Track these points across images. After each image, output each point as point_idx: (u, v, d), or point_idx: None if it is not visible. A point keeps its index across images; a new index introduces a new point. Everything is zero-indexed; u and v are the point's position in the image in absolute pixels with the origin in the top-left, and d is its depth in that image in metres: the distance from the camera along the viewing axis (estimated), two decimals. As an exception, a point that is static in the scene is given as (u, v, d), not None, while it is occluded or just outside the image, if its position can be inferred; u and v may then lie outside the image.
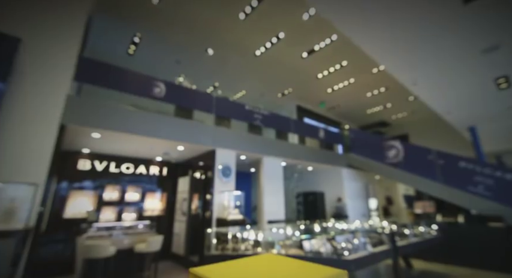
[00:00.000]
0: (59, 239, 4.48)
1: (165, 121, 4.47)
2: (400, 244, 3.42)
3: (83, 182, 5.04)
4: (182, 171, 6.23)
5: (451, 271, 4.35)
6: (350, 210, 7.36)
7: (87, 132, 3.94)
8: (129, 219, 5.36)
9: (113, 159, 5.48)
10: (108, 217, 5.14)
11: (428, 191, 6.07)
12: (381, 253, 3.09)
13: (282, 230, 3.78)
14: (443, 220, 5.53)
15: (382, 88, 8.40)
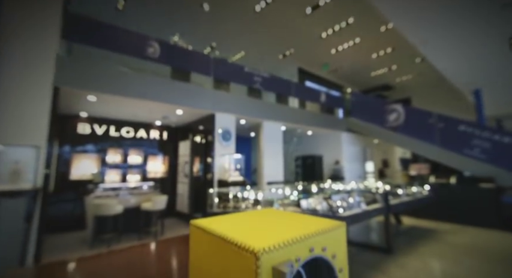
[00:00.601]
0: (69, 199, 4.71)
1: (162, 84, 4.33)
2: (392, 203, 3.60)
3: (85, 146, 5.10)
4: (182, 135, 6.26)
5: (437, 226, 4.66)
6: (347, 172, 7.61)
7: (83, 95, 3.84)
8: (134, 181, 5.56)
9: (113, 123, 5.46)
10: (113, 178, 5.32)
11: (425, 154, 6.20)
12: (374, 210, 3.27)
13: (280, 191, 3.95)
14: (436, 182, 5.75)
15: (388, 49, 7.98)
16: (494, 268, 2.76)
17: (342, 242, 0.41)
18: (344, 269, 0.39)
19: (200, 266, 0.41)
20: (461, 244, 3.66)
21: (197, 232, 0.42)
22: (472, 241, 3.77)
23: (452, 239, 3.87)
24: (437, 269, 2.77)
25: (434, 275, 2.61)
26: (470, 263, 2.92)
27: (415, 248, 3.46)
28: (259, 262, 0.29)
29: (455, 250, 3.40)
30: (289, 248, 0.33)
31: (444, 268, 2.80)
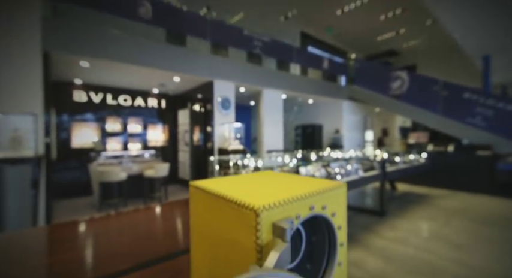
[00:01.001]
0: (73, 166, 4.82)
1: (157, 49, 4.12)
2: (389, 170, 3.68)
3: (84, 114, 5.05)
4: (181, 104, 6.17)
5: (430, 191, 4.85)
6: (346, 141, 7.68)
7: (75, 60, 3.68)
8: (135, 149, 5.63)
9: (109, 91, 5.34)
10: (114, 147, 5.38)
11: (426, 122, 6.18)
12: (371, 177, 3.36)
13: (280, 158, 4.02)
14: (434, 150, 5.83)
15: (398, 10, 7.44)
16: (480, 229, 2.93)
17: (342, 202, 0.40)
18: (342, 226, 0.39)
19: (200, 226, 0.41)
20: (451, 207, 3.84)
21: (196, 192, 0.41)
22: (462, 205, 3.95)
23: (444, 204, 4.05)
24: (426, 230, 2.95)
25: (422, 235, 2.79)
26: (458, 224, 3.10)
27: (407, 212, 3.64)
28: (259, 218, 0.28)
29: (445, 213, 3.58)
30: (289, 206, 0.32)
31: (433, 228, 2.98)
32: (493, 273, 1.97)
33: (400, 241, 2.61)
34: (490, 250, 2.37)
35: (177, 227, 0.99)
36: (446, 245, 2.48)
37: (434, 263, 2.14)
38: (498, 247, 2.45)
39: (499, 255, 2.27)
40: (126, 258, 0.71)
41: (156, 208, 1.26)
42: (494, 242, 2.56)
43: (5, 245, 0.86)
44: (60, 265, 0.69)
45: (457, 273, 1.98)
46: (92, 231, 0.95)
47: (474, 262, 2.16)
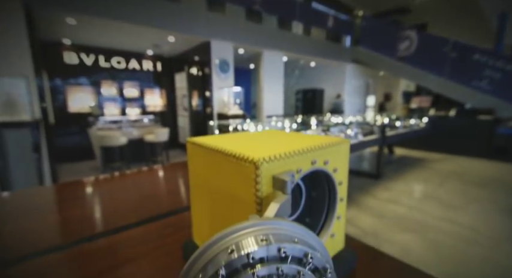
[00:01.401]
0: (73, 131, 4.83)
1: (149, 5, 3.79)
2: (388, 134, 3.69)
3: (77, 78, 4.88)
4: (178, 67, 5.92)
5: (428, 156, 4.95)
6: (347, 106, 7.58)
7: (60, 17, 3.41)
8: (133, 114, 5.58)
9: (101, 52, 5.07)
10: (112, 112, 5.32)
11: (430, 86, 6.02)
12: (370, 141, 3.38)
13: (280, 123, 3.99)
14: (435, 114, 5.78)
15: (414, -42, 6.67)
16: (471, 190, 3.06)
17: (345, 158, 0.38)
18: (344, 182, 0.38)
19: (199, 182, 0.40)
20: (446, 170, 3.95)
21: (194, 148, 0.39)
22: (457, 168, 4.06)
23: (440, 167, 4.16)
24: (419, 191, 3.07)
25: (415, 196, 2.92)
26: (451, 186, 3.22)
27: (402, 174, 3.76)
28: (259, 171, 0.27)
29: (440, 175, 3.69)
30: (291, 160, 0.30)
31: (425, 189, 3.10)
32: (479, 230, 2.10)
33: (393, 201, 2.74)
34: (478, 210, 2.50)
35: (179, 186, 1.01)
36: (437, 205, 2.61)
37: (424, 221, 2.28)
38: (487, 206, 2.58)
39: (487, 214, 2.40)
40: (131, 214, 0.73)
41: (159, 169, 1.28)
42: (483, 202, 2.69)
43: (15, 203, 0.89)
44: (70, 220, 0.72)
45: (445, 230, 2.11)
46: (98, 190, 0.98)
47: (462, 220, 2.29)
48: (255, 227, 0.20)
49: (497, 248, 1.82)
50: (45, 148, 3.13)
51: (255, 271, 0.18)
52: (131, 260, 0.51)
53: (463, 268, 1.60)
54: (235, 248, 0.19)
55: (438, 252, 1.79)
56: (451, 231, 2.08)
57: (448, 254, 1.76)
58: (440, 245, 1.88)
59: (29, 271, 0.49)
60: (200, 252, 0.19)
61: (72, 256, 0.54)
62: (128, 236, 0.61)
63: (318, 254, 0.20)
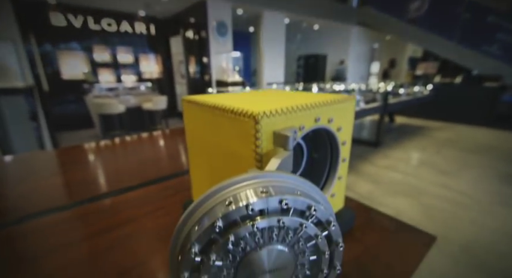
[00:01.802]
0: (70, 99, 4.73)
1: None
2: (391, 102, 3.63)
3: (68, 43, 4.62)
4: (173, 30, 5.57)
5: (428, 124, 4.93)
6: (350, 73, 7.33)
7: (40, -29, 3.10)
8: (130, 81, 5.42)
9: (89, 13, 4.73)
10: (108, 79, 5.15)
11: (439, 51, 5.74)
12: (372, 108, 3.33)
13: (280, 90, 3.89)
14: (440, 81, 5.62)
15: None
16: (467, 157, 3.11)
17: (349, 116, 0.36)
18: (347, 142, 0.36)
19: (196, 142, 0.38)
20: (445, 138, 3.97)
21: (190, 106, 0.37)
22: (456, 136, 4.08)
23: (439, 135, 4.17)
24: (416, 158, 3.12)
25: (412, 163, 2.97)
26: (448, 153, 3.26)
27: (401, 142, 3.79)
28: (259, 125, 0.24)
29: (438, 143, 3.72)
30: (293, 115, 0.28)
31: (423, 157, 3.15)
32: (470, 195, 2.18)
33: (390, 168, 2.79)
34: (472, 176, 2.57)
35: (179, 151, 1.01)
36: (433, 171, 2.67)
37: (419, 186, 2.35)
38: (481, 173, 2.64)
39: (480, 180, 2.47)
40: (133, 177, 0.74)
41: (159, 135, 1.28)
42: (478, 169, 2.75)
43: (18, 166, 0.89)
44: (72, 183, 0.73)
45: (438, 194, 2.19)
46: (99, 154, 0.98)
47: (456, 185, 2.36)
48: (254, 179, 0.19)
49: (486, 212, 1.91)
50: (42, 117, 3.09)
51: (255, 223, 0.17)
52: (133, 219, 0.52)
53: (452, 229, 1.69)
54: (233, 201, 0.17)
55: (429, 215, 1.87)
56: (444, 196, 2.16)
57: (439, 217, 1.85)
58: (432, 208, 1.96)
59: (32, 229, 0.50)
60: (196, 204, 0.18)
61: (75, 215, 0.55)
62: (130, 197, 0.62)
63: (321, 207, 0.19)
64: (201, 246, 0.17)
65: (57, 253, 0.43)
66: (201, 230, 0.17)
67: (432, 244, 0.42)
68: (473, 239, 1.58)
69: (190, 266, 0.17)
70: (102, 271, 0.38)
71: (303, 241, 0.19)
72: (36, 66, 3.29)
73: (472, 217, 1.84)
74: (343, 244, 0.20)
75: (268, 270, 0.19)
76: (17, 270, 0.39)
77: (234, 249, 0.18)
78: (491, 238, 1.59)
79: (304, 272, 0.21)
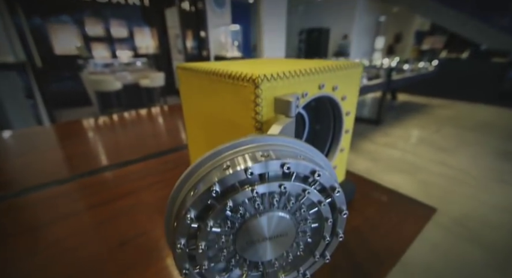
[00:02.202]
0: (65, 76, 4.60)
1: None
2: (394, 78, 3.53)
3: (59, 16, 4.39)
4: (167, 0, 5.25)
5: (430, 101, 4.86)
6: (354, 49, 7.06)
7: None
8: (125, 57, 5.24)
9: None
10: (102, 54, 4.98)
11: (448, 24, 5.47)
12: (374, 85, 3.26)
13: (281, 66, 3.77)
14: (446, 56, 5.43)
15: None
16: (467, 134, 3.10)
17: (355, 85, 0.34)
18: (351, 112, 0.34)
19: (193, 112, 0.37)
20: (447, 116, 3.94)
21: (185, 74, 0.34)
22: (458, 114, 4.04)
23: (440, 113, 4.13)
24: (416, 136, 3.12)
25: (411, 140, 2.97)
26: (448, 131, 3.25)
27: (403, 120, 3.76)
28: (259, 90, 0.22)
29: (439, 121, 3.69)
30: (296, 80, 0.26)
31: (423, 135, 3.14)
32: (468, 171, 2.21)
33: (389, 145, 2.80)
34: (470, 153, 2.58)
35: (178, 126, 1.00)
36: (431, 149, 2.68)
37: (417, 163, 2.37)
38: (479, 150, 2.65)
39: (479, 157, 2.49)
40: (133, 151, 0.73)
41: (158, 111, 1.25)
42: (477, 146, 2.75)
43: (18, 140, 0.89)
44: (73, 156, 0.72)
45: (435, 171, 2.21)
46: (99, 130, 0.97)
47: (454, 162, 2.38)
48: (253, 143, 0.18)
49: (482, 188, 1.94)
50: (38, 94, 3.03)
51: (254, 188, 0.16)
52: (133, 192, 0.52)
53: (447, 204, 1.73)
54: (231, 165, 0.16)
55: (425, 190, 1.91)
56: (441, 172, 2.19)
57: (434, 192, 1.89)
58: (428, 184, 2.00)
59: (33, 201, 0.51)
60: (192, 169, 0.17)
61: (76, 188, 0.55)
62: (129, 171, 0.62)
63: (326, 172, 0.17)
64: (198, 212, 0.16)
65: (59, 223, 0.43)
66: (196, 195, 0.16)
67: (432, 216, 0.42)
68: (467, 213, 1.62)
69: (187, 233, 0.16)
70: (104, 241, 0.39)
71: (305, 208, 0.18)
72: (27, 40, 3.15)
73: (468, 192, 1.88)
74: (347, 211, 0.19)
75: (268, 237, 0.18)
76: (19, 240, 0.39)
77: (233, 215, 0.17)
78: (485, 212, 1.64)
79: (306, 239, 0.20)
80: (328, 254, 0.21)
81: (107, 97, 3.80)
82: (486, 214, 1.62)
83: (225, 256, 0.18)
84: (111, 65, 4.34)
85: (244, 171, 0.15)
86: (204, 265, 0.17)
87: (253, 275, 0.20)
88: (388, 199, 0.49)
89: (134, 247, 0.37)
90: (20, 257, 0.36)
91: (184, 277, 0.17)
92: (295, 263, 0.21)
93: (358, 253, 0.35)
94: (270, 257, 0.19)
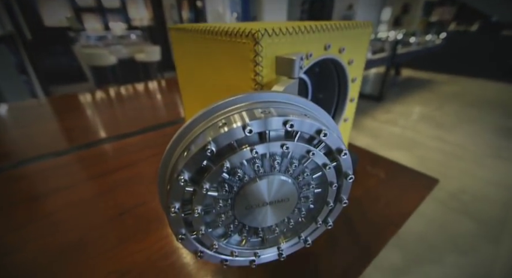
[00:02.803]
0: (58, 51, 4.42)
1: None
2: (400, 52, 3.40)
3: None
4: (160, -34, 4.88)
5: (435, 77, 4.74)
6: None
7: None
8: (119, 29, 4.99)
9: None
10: (94, 26, 4.73)
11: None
12: (378, 59, 3.15)
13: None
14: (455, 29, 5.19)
15: None
16: (468, 111, 3.06)
17: (363, 47, 0.31)
18: (358, 79, 0.32)
19: (189, 78, 0.34)
20: (450, 92, 3.86)
21: (179, 35, 0.31)
22: (462, 90, 3.95)
23: (444, 89, 4.05)
24: (417, 113, 3.09)
25: (412, 117, 2.94)
26: (450, 107, 3.21)
27: (405, 97, 3.69)
28: (259, 46, 0.20)
29: (442, 97, 3.63)
30: (300, 38, 0.23)
31: (424, 111, 3.11)
32: (466, 147, 2.21)
33: (390, 122, 2.78)
34: (469, 129, 2.57)
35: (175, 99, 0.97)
36: (431, 125, 2.66)
37: (416, 139, 2.37)
38: (478, 126, 2.63)
39: (478, 133, 2.48)
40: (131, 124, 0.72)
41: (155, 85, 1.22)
42: (478, 123, 2.73)
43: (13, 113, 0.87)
44: (70, 129, 0.71)
45: (434, 147, 2.22)
46: (95, 103, 0.94)
47: (452, 138, 2.37)
48: (252, 100, 0.16)
49: (479, 163, 1.96)
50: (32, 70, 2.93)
51: (254, 148, 0.14)
52: (131, 164, 0.51)
53: (443, 178, 1.76)
54: (227, 122, 0.14)
55: (422, 165, 1.93)
56: (439, 148, 2.19)
57: (431, 167, 1.91)
58: (426, 160, 2.01)
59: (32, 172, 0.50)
60: (185, 128, 0.16)
61: (74, 160, 0.54)
62: (128, 143, 0.60)
63: (333, 133, 0.16)
64: (192, 174, 0.15)
65: (57, 194, 0.42)
66: (189, 155, 0.14)
67: (434, 187, 0.42)
68: (462, 188, 1.65)
69: (181, 196, 0.15)
70: (103, 211, 0.38)
71: (309, 172, 0.17)
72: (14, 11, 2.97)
73: (464, 167, 1.90)
74: (353, 175, 0.18)
75: (268, 202, 0.17)
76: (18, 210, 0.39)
77: (230, 178, 0.15)
78: (480, 187, 1.67)
79: (308, 205, 0.19)
80: (330, 220, 0.20)
81: (103, 73, 3.69)
82: (481, 188, 1.65)
83: (223, 222, 0.17)
84: (105, 37, 4.15)
85: (242, 128, 0.14)
86: (201, 230, 0.16)
87: (253, 241, 0.20)
88: (390, 171, 0.48)
89: (134, 217, 0.37)
90: (19, 226, 0.35)
91: (181, 242, 0.16)
92: (296, 229, 0.20)
93: (358, 223, 0.35)
94: (270, 223, 0.18)
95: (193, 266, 0.29)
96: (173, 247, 0.32)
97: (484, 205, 1.49)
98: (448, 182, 1.71)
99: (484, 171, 1.85)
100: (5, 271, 0.29)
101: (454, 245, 1.21)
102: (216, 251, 0.18)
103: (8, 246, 0.32)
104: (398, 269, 1.09)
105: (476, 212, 1.43)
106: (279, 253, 0.20)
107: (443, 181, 1.72)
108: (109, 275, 0.28)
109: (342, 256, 0.30)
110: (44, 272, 0.29)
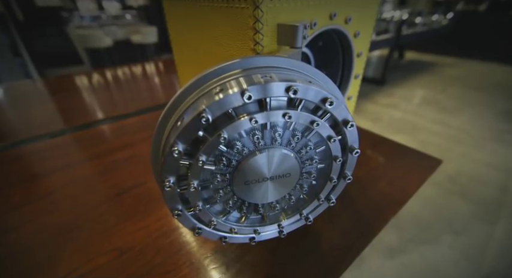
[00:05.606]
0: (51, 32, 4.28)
1: None
2: (405, 33, 3.29)
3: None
4: None
5: (439, 60, 4.63)
6: None
7: None
8: (113, 9, 4.80)
9: None
10: (87, 6, 4.55)
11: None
12: (382, 41, 3.05)
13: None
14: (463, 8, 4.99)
15: None
16: (471, 94, 3.02)
17: (371, 18, 0.29)
18: (364, 54, 0.30)
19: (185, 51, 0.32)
20: (455, 75, 3.78)
21: (172, 5, 0.29)
22: (467, 74, 3.87)
23: (448, 72, 3.96)
24: (420, 96, 3.04)
25: (414, 101, 2.90)
26: (453, 91, 3.16)
27: (408, 80, 3.62)
28: (259, 11, 0.18)
29: (446, 81, 3.56)
30: (303, 4, 0.21)
31: (427, 95, 3.06)
32: (468, 131, 2.20)
33: (392, 106, 2.74)
34: (472, 113, 2.54)
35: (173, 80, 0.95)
36: (433, 109, 2.63)
37: (417, 123, 2.35)
38: (481, 110, 2.60)
39: (480, 117, 2.45)
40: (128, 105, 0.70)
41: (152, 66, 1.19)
42: (481, 106, 2.70)
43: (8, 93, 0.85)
44: (68, 109, 0.69)
45: (435, 131, 2.20)
46: (93, 84, 0.92)
47: (454, 122, 2.35)
48: (251, 64, 0.14)
49: (479, 146, 1.95)
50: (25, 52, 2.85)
51: (253, 116, 0.13)
52: (130, 144, 0.50)
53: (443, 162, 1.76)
54: (223, 89, 0.13)
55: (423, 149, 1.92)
56: (439, 132, 2.18)
57: (431, 150, 1.90)
58: (426, 143, 2.00)
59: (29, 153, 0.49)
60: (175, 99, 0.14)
61: (71, 140, 0.53)
62: (126, 124, 0.59)
63: (341, 103, 0.15)
64: (187, 146, 0.13)
65: (54, 174, 0.42)
66: (183, 125, 0.13)
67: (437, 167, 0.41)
68: (461, 171, 1.66)
69: (175, 170, 0.14)
70: (101, 191, 0.38)
71: (312, 146, 0.16)
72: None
73: (464, 151, 1.90)
74: (359, 150, 0.17)
75: (269, 177, 0.16)
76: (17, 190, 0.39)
77: (228, 151, 0.14)
78: (479, 170, 1.68)
79: (310, 181, 0.18)
80: (333, 197, 0.19)
81: (98, 55, 3.60)
82: (479, 171, 1.66)
83: (222, 198, 0.16)
84: (99, 17, 4.00)
85: (240, 94, 0.12)
86: (198, 206, 0.16)
87: (253, 218, 0.19)
88: (393, 151, 0.47)
89: (132, 197, 0.36)
90: (18, 206, 0.35)
91: (177, 218, 0.16)
92: (297, 206, 0.20)
93: (360, 202, 0.35)
94: (270, 200, 0.17)
95: (194, 244, 0.29)
96: (173, 226, 0.31)
97: (481, 188, 1.50)
98: (447, 165, 1.72)
99: (484, 154, 1.85)
100: (5, 248, 0.29)
101: (450, 226, 1.24)
102: (214, 228, 0.17)
103: (7, 225, 0.32)
104: (394, 249, 1.12)
105: (474, 195, 1.45)
106: (280, 230, 0.20)
107: (443, 165, 1.73)
108: (110, 253, 0.28)
109: (341, 236, 0.30)
110: (44, 250, 0.29)
